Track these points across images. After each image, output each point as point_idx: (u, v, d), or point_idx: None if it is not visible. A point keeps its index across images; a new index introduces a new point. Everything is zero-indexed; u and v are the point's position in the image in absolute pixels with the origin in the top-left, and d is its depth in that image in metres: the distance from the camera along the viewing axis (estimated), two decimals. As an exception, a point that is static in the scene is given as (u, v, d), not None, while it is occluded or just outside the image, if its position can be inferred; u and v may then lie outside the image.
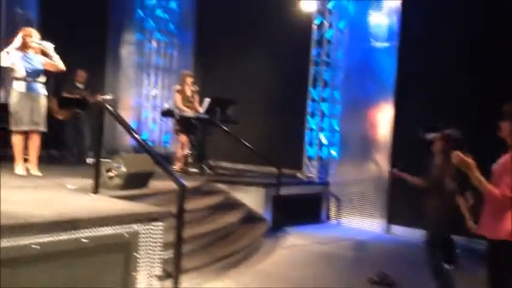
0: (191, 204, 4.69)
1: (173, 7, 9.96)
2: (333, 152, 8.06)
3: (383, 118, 7.55)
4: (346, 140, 7.91)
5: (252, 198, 6.69)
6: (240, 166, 8.53)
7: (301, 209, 7.30)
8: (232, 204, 6.30)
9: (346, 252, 6.16)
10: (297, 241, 6.41)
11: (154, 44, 9.91)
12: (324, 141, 8.11)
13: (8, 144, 5.49)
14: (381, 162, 7.47)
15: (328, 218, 7.91)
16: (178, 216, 3.85)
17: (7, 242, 2.75)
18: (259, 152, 7.19)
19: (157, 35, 9.92)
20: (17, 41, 5.34)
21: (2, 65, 5.24)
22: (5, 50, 5.25)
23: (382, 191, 7.37)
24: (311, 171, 8.11)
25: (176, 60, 10.04)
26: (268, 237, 6.25)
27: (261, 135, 8.37)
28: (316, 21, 8.14)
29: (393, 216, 7.25)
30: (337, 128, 8.06)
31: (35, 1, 8.15)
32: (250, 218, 6.31)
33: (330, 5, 8.05)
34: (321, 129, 8.13)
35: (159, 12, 9.87)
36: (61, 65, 5.43)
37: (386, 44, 7.54)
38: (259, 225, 6.31)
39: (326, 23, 8.07)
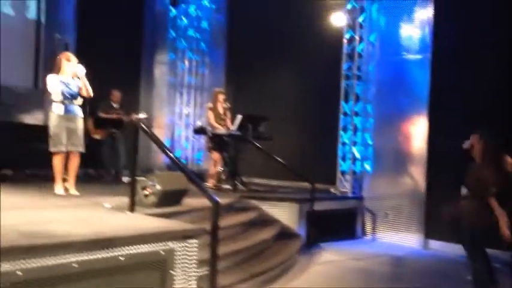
0: (225, 221, 4.71)
1: (204, 26, 10.14)
2: (367, 166, 7.97)
3: (417, 131, 7.43)
4: (379, 153, 7.81)
5: (286, 214, 6.67)
6: (273, 182, 8.52)
7: (336, 224, 7.22)
8: (265, 221, 6.29)
9: (383, 268, 6.05)
10: (332, 257, 6.34)
11: (186, 63, 10.09)
12: (357, 155, 8.03)
13: (48, 165, 5.66)
14: (416, 176, 7.34)
15: (363, 233, 7.79)
16: (212, 233, 3.88)
17: (48, 261, 2.82)
18: (292, 168, 7.18)
19: (189, 55, 10.10)
20: (56, 65, 5.54)
21: (51, 89, 5.42)
22: (49, 74, 5.46)
23: (419, 204, 7.22)
24: (345, 185, 8.04)
25: (208, 78, 10.18)
26: (303, 253, 6.20)
27: (294, 150, 8.37)
28: (346, 35, 8.13)
29: (431, 231, 7.08)
30: (370, 142, 7.98)
31: (72, 26, 8.44)
32: (284, 234, 6.28)
33: (360, 19, 8.04)
34: (354, 144, 8.06)
35: (190, 32, 10.06)
36: (89, 91, 5.57)
37: (418, 56, 7.45)
38: (294, 241, 6.27)
39: (357, 37, 8.05)
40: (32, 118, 7.91)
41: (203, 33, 10.15)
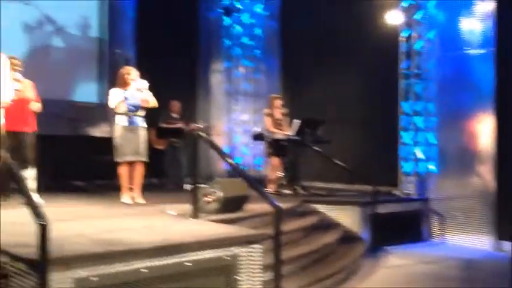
0: (287, 226, 4.71)
1: (258, 33, 10.21)
2: (431, 167, 7.71)
3: (483, 128, 7.11)
4: (444, 153, 7.54)
5: (348, 218, 6.57)
6: (333, 185, 8.42)
7: (401, 227, 7.02)
8: (328, 225, 6.23)
9: (453, 271, 5.81)
10: (399, 261, 6.16)
11: (241, 70, 10.19)
12: (420, 155, 7.79)
13: (115, 175, 5.89)
14: (485, 175, 7.02)
15: (430, 236, 7.52)
16: (275, 238, 3.88)
17: (120, 267, 2.93)
18: (353, 170, 7.07)
19: (244, 62, 10.19)
20: (119, 79, 5.77)
21: (113, 104, 5.66)
22: (112, 89, 5.70)
23: (490, 204, 6.90)
24: (408, 187, 7.81)
25: (264, 84, 10.23)
26: (368, 257, 6.08)
27: (353, 153, 8.23)
28: (403, 34, 7.93)
29: (503, 232, 6.74)
30: (433, 141, 7.72)
31: (132, 41, 8.75)
32: (348, 238, 6.19)
33: (417, 16, 7.82)
34: (416, 144, 7.82)
35: (245, 40, 10.16)
36: (154, 103, 5.78)
37: (481, 51, 7.15)
38: (358, 245, 6.17)
39: (414, 34, 7.84)
40: (98, 131, 8.25)
41: (257, 40, 10.22)
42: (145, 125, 5.84)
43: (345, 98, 8.78)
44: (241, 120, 10.18)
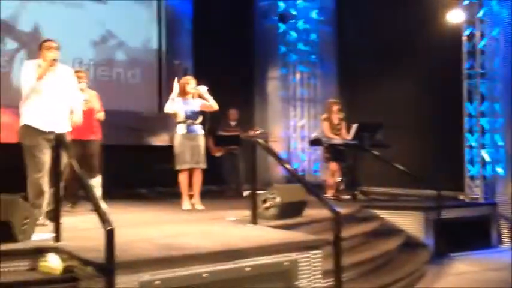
0: (346, 232, 4.63)
1: (314, 39, 10.17)
2: (499, 170, 7.35)
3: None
4: (513, 155, 7.18)
5: (410, 223, 6.37)
6: (394, 190, 8.21)
7: (467, 233, 6.72)
8: (389, 230, 6.08)
9: (525, 280, 5.50)
10: (466, 268, 5.90)
11: (297, 76, 10.18)
12: (487, 158, 7.45)
13: (175, 183, 6.04)
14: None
15: (499, 242, 7.16)
16: (335, 244, 3.83)
17: (183, 271, 3.00)
18: (415, 174, 6.86)
19: (300, 68, 10.18)
20: (177, 88, 5.93)
21: (167, 111, 5.85)
22: (170, 97, 5.86)
23: None
24: (474, 191, 7.48)
25: (320, 89, 10.16)
26: (432, 264, 5.86)
27: (414, 157, 7.99)
28: (465, 33, 7.65)
29: None
30: (501, 143, 7.37)
31: (190, 52, 8.96)
32: (410, 244, 6.01)
33: (480, 14, 7.52)
34: (482, 146, 7.49)
35: (300, 46, 10.15)
36: (215, 105, 5.92)
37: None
38: (421, 251, 5.97)
39: (477, 33, 7.53)
40: (159, 140, 8.50)
41: (313, 45, 10.18)
42: (203, 132, 5.96)
43: (405, 100, 8.55)
44: (298, 126, 10.15)
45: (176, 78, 6.00)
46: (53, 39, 4.69)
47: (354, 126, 7.17)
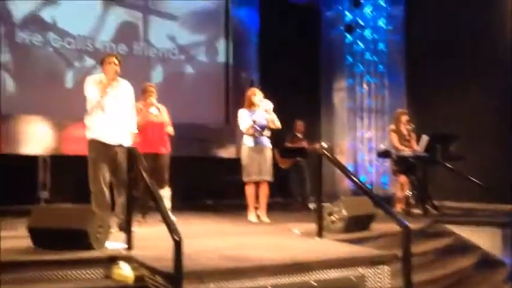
0: (417, 248, 4.47)
1: (381, 48, 9.98)
2: None
3: None
4: None
5: (486, 240, 6.03)
6: (469, 205, 7.82)
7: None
8: (463, 247, 5.78)
9: None
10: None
11: (365, 87, 10.02)
12: None
13: (242, 194, 6.10)
14: None
15: None
16: (404, 260, 3.70)
17: (247, 283, 3.01)
18: (491, 188, 6.51)
19: (368, 78, 10.01)
20: (245, 100, 6.01)
21: (244, 126, 5.90)
22: (240, 110, 5.95)
23: None
24: (558, 207, 6.98)
25: (388, 100, 9.94)
26: (510, 283, 5.51)
27: (490, 170, 7.57)
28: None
29: None
30: None
31: (256, 64, 9.07)
32: (487, 262, 5.68)
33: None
34: None
35: (367, 56, 9.99)
36: (278, 124, 5.91)
37: None
38: (499, 270, 5.63)
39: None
40: (226, 152, 8.63)
41: (380, 55, 9.99)
42: (270, 145, 5.99)
43: (480, 110, 8.16)
44: (365, 138, 9.96)
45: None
46: (114, 54, 4.91)
47: (425, 138, 6.91)
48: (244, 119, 5.89)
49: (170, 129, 5.94)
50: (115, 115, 4.63)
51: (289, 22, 9.21)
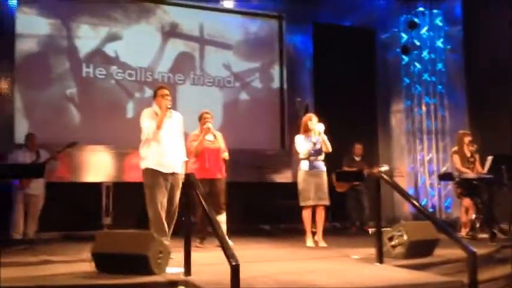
0: (484, 274, 4.24)
1: (440, 68, 9.74)
2: None
3: None
4: None
5: None
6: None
7: None
8: (536, 274, 5.43)
9: None
10: None
11: (423, 108, 9.78)
12: None
13: (298, 219, 6.06)
14: None
15: None
16: (470, 287, 3.53)
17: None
18: None
19: (426, 99, 9.77)
20: (300, 125, 6.03)
21: (302, 151, 5.91)
22: (297, 136, 5.98)
23: None
24: None
25: (449, 121, 9.63)
26: None
27: None
28: None
29: None
30: None
31: (310, 89, 9.09)
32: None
33: None
34: None
35: (425, 76, 9.78)
36: (328, 147, 5.87)
37: None
38: None
39: None
40: (282, 177, 8.63)
41: (439, 75, 9.75)
42: (325, 169, 5.95)
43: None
44: (425, 160, 9.67)
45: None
46: (166, 86, 5.15)
47: (489, 159, 6.62)
48: (301, 144, 5.91)
49: (226, 155, 6.03)
50: (169, 145, 4.84)
51: (343, 46, 9.21)
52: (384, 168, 7.86)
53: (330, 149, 5.93)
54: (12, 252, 5.43)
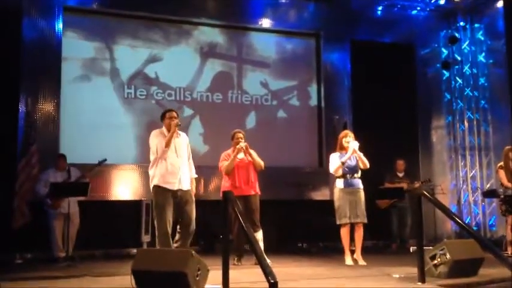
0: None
1: (482, 83, 9.51)
2: None
3: None
4: None
5: None
6: None
7: None
8: None
9: None
10: None
11: (466, 123, 9.54)
12: None
13: (337, 237, 5.99)
14: None
15: None
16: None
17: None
18: None
19: (469, 114, 9.54)
20: (337, 143, 5.98)
21: (332, 169, 5.89)
22: (332, 154, 5.94)
23: None
24: None
25: (493, 136, 9.34)
26: None
27: None
28: None
29: None
30: None
31: (348, 108, 9.02)
32: None
33: None
34: None
35: (467, 91, 9.57)
36: (367, 163, 5.82)
37: None
38: None
39: None
40: (320, 194, 8.56)
41: (481, 90, 9.51)
42: (362, 186, 5.88)
43: None
44: (468, 177, 9.39)
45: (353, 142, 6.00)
46: (173, 110, 5.45)
47: (536, 175, 6.38)
48: (334, 162, 5.88)
49: (258, 169, 5.94)
50: (176, 163, 5.08)
51: (382, 62, 9.13)
52: (424, 183, 7.72)
53: (368, 166, 5.86)
54: (55, 269, 5.58)
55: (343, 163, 5.79)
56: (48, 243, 6.47)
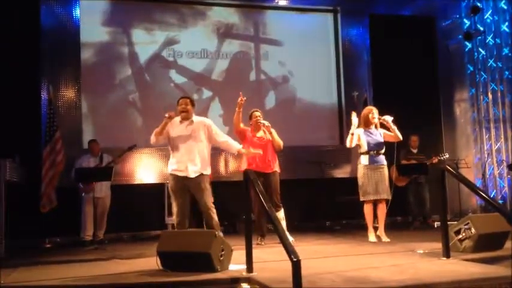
0: None
1: (506, 53, 9.26)
2: None
3: None
4: None
5: None
6: None
7: None
8: None
9: None
10: None
11: (490, 95, 9.33)
12: None
13: (360, 215, 5.97)
14: None
15: None
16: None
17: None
18: None
19: (493, 86, 9.32)
20: (355, 121, 5.90)
21: (349, 146, 5.85)
22: (350, 131, 5.86)
23: None
24: None
25: (517, 107, 9.14)
26: None
27: None
28: None
29: None
30: None
31: (368, 82, 8.91)
32: None
33: None
34: None
35: (491, 62, 9.33)
36: (399, 136, 5.76)
37: None
38: None
39: None
40: (342, 172, 8.52)
41: (505, 60, 9.26)
42: (386, 163, 5.83)
43: None
44: (493, 150, 9.23)
45: (354, 113, 5.96)
46: (185, 96, 5.32)
47: None
48: (361, 138, 5.80)
49: (277, 148, 5.92)
50: (183, 151, 4.98)
51: (402, 36, 8.97)
52: (444, 156, 7.61)
53: (401, 137, 5.82)
54: (83, 252, 5.72)
55: (352, 134, 5.74)
56: (77, 227, 6.62)
